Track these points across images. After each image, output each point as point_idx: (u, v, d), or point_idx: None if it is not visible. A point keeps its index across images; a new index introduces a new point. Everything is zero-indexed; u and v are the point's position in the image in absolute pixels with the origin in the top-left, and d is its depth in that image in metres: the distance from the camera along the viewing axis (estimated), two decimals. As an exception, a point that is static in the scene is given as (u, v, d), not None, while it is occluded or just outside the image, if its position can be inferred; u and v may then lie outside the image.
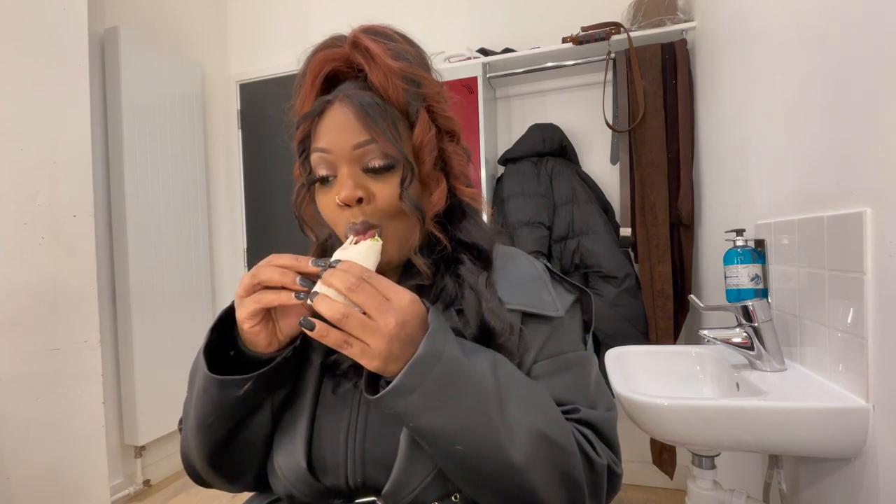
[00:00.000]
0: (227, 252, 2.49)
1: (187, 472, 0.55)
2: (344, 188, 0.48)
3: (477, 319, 0.49)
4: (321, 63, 0.51)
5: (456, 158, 0.54)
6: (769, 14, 1.04)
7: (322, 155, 0.50)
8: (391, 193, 0.49)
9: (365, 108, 0.48)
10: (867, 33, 0.71)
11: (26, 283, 1.33)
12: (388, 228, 0.50)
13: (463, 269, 0.52)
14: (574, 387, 0.52)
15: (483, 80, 1.87)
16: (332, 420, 0.51)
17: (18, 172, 1.33)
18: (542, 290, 0.54)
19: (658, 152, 1.64)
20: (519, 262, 0.57)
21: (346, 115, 0.49)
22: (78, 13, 1.48)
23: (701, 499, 0.97)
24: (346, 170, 0.49)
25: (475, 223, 0.56)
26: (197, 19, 2.37)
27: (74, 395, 1.43)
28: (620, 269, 1.66)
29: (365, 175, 0.49)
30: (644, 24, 1.69)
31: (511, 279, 0.54)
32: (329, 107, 0.50)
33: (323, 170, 0.50)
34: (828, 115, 0.82)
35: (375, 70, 0.49)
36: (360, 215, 0.49)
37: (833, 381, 0.80)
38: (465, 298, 0.50)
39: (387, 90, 0.50)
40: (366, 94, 0.49)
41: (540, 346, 0.52)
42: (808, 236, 0.87)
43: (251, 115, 2.48)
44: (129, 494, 1.91)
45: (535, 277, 0.55)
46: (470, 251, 0.54)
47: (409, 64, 0.50)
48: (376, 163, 0.49)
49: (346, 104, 0.49)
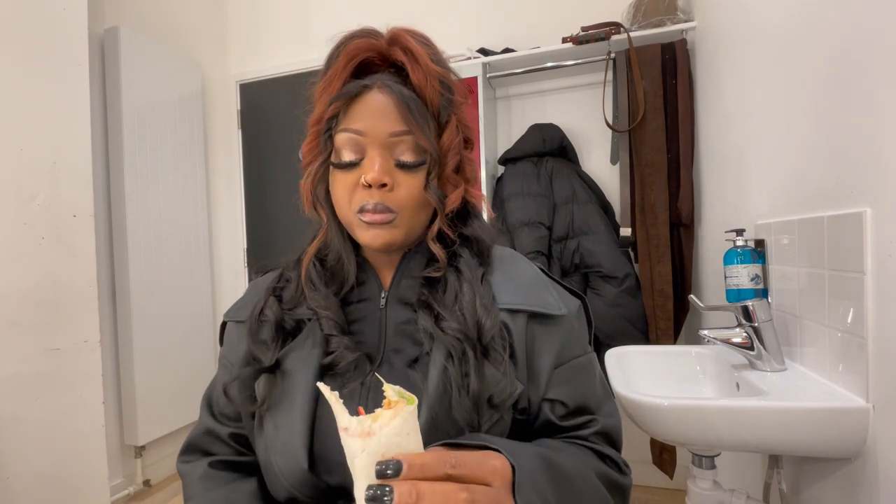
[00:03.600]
0: (227, 252, 2.49)
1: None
2: (372, 171, 0.49)
3: (473, 315, 0.49)
4: (357, 50, 0.52)
5: (469, 165, 0.57)
6: (769, 14, 1.04)
7: (354, 136, 0.50)
8: (416, 185, 0.51)
9: (406, 99, 0.50)
10: (867, 33, 0.71)
11: (26, 283, 1.33)
12: (403, 217, 0.51)
13: (462, 262, 0.53)
14: (587, 390, 0.54)
15: (483, 80, 1.87)
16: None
17: (18, 172, 1.33)
18: (544, 291, 0.54)
19: (658, 152, 1.64)
20: (520, 265, 0.58)
21: (386, 103, 0.50)
22: (78, 13, 1.48)
23: (701, 499, 0.97)
24: (377, 154, 0.50)
25: (480, 222, 0.58)
26: (197, 19, 2.37)
27: (74, 395, 1.43)
28: (620, 269, 1.66)
29: (394, 166, 0.51)
30: (644, 24, 1.69)
31: (513, 280, 0.55)
32: (366, 91, 0.51)
33: (349, 152, 0.51)
34: (827, 115, 0.82)
35: (417, 69, 0.51)
36: (377, 196, 0.50)
37: (833, 381, 0.80)
38: (464, 293, 0.51)
39: (424, 91, 0.51)
40: (404, 88, 0.51)
41: (556, 350, 0.53)
42: (808, 236, 0.87)
43: (251, 115, 2.48)
44: (129, 494, 1.91)
45: (536, 279, 0.56)
46: (470, 246, 0.55)
47: (446, 70, 0.53)
48: (407, 157, 0.51)
49: (385, 92, 0.50)
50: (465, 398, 0.46)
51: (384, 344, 0.53)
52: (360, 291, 0.57)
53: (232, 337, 0.60)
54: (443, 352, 0.48)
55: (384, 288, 0.57)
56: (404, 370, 0.50)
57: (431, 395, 0.47)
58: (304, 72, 2.28)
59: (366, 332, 0.55)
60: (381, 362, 0.52)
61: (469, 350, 0.48)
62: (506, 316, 0.51)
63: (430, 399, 0.47)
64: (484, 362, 0.48)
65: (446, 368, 0.47)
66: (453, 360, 0.48)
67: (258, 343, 0.53)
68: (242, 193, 2.50)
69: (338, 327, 0.53)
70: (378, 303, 0.56)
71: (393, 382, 0.47)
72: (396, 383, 0.47)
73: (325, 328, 0.52)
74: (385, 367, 0.52)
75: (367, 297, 0.57)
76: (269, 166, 2.46)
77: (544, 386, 0.52)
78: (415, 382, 0.48)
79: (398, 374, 0.50)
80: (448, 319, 0.49)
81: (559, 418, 0.52)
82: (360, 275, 0.57)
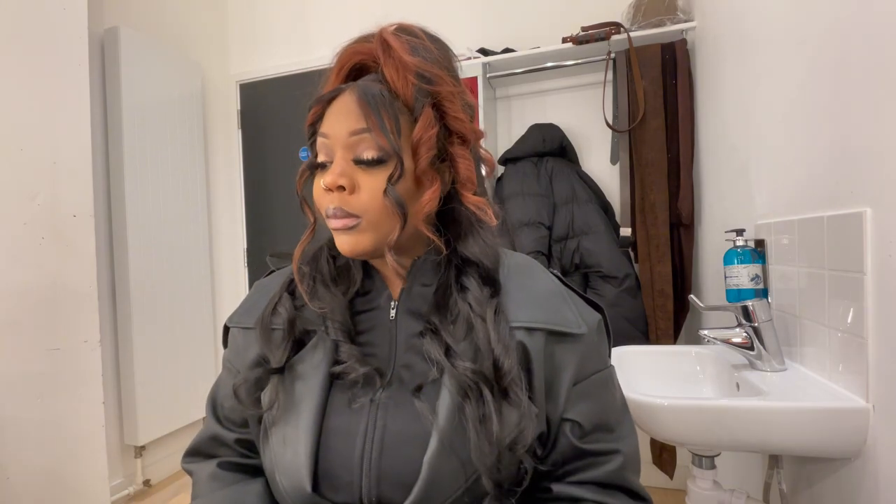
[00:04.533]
0: (227, 252, 2.49)
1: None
2: (330, 174, 0.48)
3: (489, 353, 0.46)
4: (350, 55, 0.52)
5: (463, 163, 0.52)
6: (769, 14, 1.04)
7: (322, 140, 0.51)
8: (377, 187, 0.48)
9: (367, 97, 0.48)
10: (867, 33, 0.71)
11: (26, 283, 1.33)
12: (368, 220, 0.49)
13: (470, 296, 0.50)
14: (607, 406, 0.53)
15: (483, 80, 1.87)
16: (344, 435, 0.49)
17: (18, 172, 1.33)
18: (563, 306, 0.51)
19: (658, 152, 1.64)
20: (537, 277, 0.54)
21: (349, 102, 0.49)
22: (78, 13, 1.48)
23: (701, 499, 0.97)
24: (339, 157, 0.49)
25: (478, 238, 0.52)
26: (197, 19, 2.37)
27: (74, 395, 1.43)
28: (620, 269, 1.66)
29: (356, 166, 0.49)
30: (644, 24, 1.69)
31: (529, 294, 0.52)
32: (340, 94, 0.50)
33: (322, 155, 0.51)
34: (827, 115, 0.82)
35: (389, 63, 0.49)
36: (337, 201, 0.49)
37: (833, 381, 0.80)
38: (477, 331, 0.48)
39: (396, 83, 0.49)
40: (375, 85, 0.49)
41: (575, 368, 0.50)
42: (808, 236, 0.87)
43: (251, 115, 2.48)
44: (129, 494, 1.91)
45: (554, 293, 0.53)
46: (476, 272, 0.51)
47: (424, 60, 0.50)
48: (368, 155, 0.49)
49: (352, 92, 0.49)
50: (484, 443, 0.44)
51: (395, 359, 0.52)
52: (369, 300, 0.55)
53: (238, 342, 0.58)
54: (455, 386, 0.46)
55: (393, 298, 0.55)
56: (410, 398, 0.48)
57: (443, 428, 0.45)
58: (304, 72, 2.28)
59: (376, 345, 0.53)
60: (392, 378, 0.51)
61: (486, 391, 0.45)
62: (523, 334, 0.49)
63: (441, 432, 0.45)
64: (503, 404, 0.45)
65: (463, 407, 0.45)
66: (470, 399, 0.45)
67: (268, 342, 0.52)
68: (242, 193, 2.50)
69: (346, 333, 0.52)
70: (388, 313, 0.54)
71: (399, 410, 0.49)
72: (402, 411, 0.48)
73: (333, 334, 0.51)
74: (395, 384, 0.50)
75: (375, 307, 0.55)
76: (269, 166, 2.46)
77: (563, 404, 0.50)
78: (422, 412, 0.46)
79: (404, 401, 0.48)
80: (460, 356, 0.47)
81: (579, 439, 0.50)
82: (368, 282, 0.56)
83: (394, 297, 0.55)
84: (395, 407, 0.49)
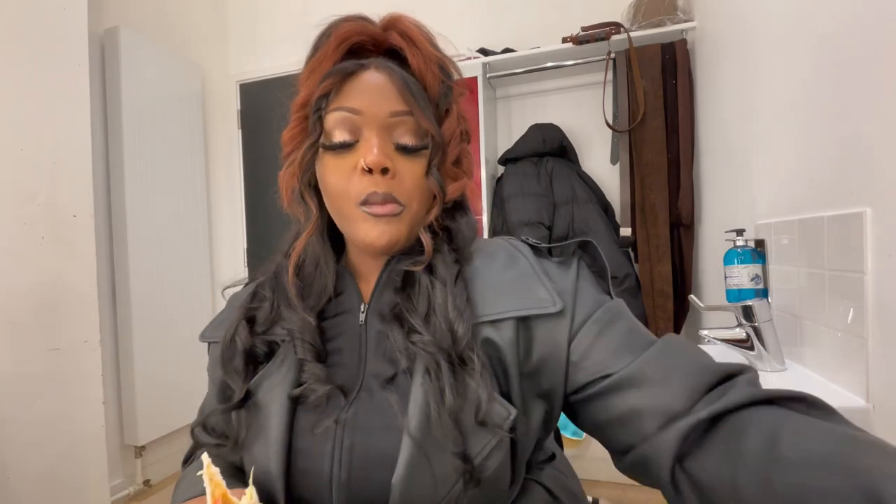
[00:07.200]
0: (227, 252, 2.49)
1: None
2: (371, 153, 0.44)
3: (447, 321, 0.44)
4: (350, 32, 0.48)
5: (467, 158, 0.53)
6: (769, 14, 1.04)
7: (348, 116, 0.46)
8: (417, 172, 0.47)
9: (406, 80, 0.46)
10: (867, 33, 0.71)
11: (26, 283, 1.33)
12: (411, 210, 0.47)
13: (438, 257, 0.48)
14: (633, 332, 0.45)
15: (483, 80, 1.87)
16: (312, 457, 0.45)
17: (18, 172, 1.33)
18: (534, 285, 0.46)
19: (658, 152, 1.64)
20: (499, 260, 0.49)
21: (385, 81, 0.46)
22: (78, 13, 1.48)
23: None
24: (375, 136, 0.46)
25: (467, 218, 0.54)
26: (197, 19, 2.37)
27: (74, 395, 1.43)
28: (620, 269, 1.66)
29: (394, 150, 0.47)
30: (644, 24, 1.70)
31: (494, 283, 0.47)
32: (362, 70, 0.47)
33: (344, 132, 0.46)
34: (828, 115, 0.82)
35: (416, 54, 0.48)
36: (382, 185, 0.45)
37: (833, 381, 0.80)
38: (436, 295, 0.45)
39: (424, 76, 0.48)
40: (404, 70, 0.47)
41: (569, 332, 0.45)
42: (808, 236, 0.87)
43: (251, 115, 2.48)
44: (129, 494, 1.91)
45: (521, 274, 0.48)
46: (449, 239, 0.50)
47: (445, 56, 0.50)
48: (408, 140, 0.47)
49: (384, 72, 0.46)
50: (444, 416, 0.40)
51: (364, 368, 0.47)
52: (338, 303, 0.51)
53: (214, 354, 0.55)
54: (422, 370, 0.43)
55: (364, 300, 0.51)
56: (380, 411, 0.44)
57: (416, 435, 0.40)
58: (304, 72, 2.28)
59: (344, 352, 0.49)
60: (360, 389, 0.46)
61: (444, 362, 0.42)
62: (489, 330, 0.45)
63: (412, 443, 0.40)
64: (462, 374, 0.42)
65: (425, 390, 0.42)
66: (430, 375, 0.42)
67: (229, 372, 0.49)
68: (242, 193, 2.50)
69: (313, 352, 0.47)
70: (357, 317, 0.50)
71: (367, 427, 0.44)
72: (371, 426, 0.44)
73: (300, 352, 0.47)
74: (364, 394, 0.46)
75: (344, 310, 0.51)
76: (269, 166, 2.46)
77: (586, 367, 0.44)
78: (391, 405, 0.43)
79: (373, 416, 0.44)
80: (420, 332, 0.44)
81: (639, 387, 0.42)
82: (339, 284, 0.52)
83: (364, 298, 0.51)
84: (363, 424, 0.44)
